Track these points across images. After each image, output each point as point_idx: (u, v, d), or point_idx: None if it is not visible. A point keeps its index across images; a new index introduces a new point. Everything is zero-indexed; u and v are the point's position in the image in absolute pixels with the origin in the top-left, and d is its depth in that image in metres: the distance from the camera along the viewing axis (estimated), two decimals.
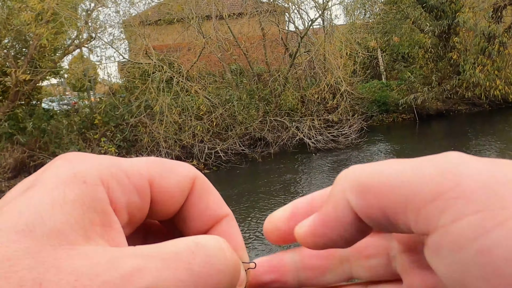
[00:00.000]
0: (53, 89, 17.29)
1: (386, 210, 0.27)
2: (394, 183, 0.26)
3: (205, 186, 0.36)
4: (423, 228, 0.25)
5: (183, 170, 0.35)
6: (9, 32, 12.28)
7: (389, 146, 12.21)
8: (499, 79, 14.04)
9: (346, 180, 0.29)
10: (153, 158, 0.34)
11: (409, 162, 0.27)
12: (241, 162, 11.58)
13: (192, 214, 0.36)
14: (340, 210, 0.29)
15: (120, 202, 0.30)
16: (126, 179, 0.31)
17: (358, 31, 15.21)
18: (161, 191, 0.33)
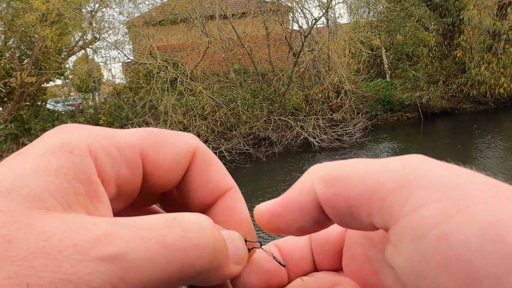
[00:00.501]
0: (58, 90, 17.35)
1: (351, 200, 0.27)
2: (362, 174, 0.27)
3: (207, 157, 0.36)
4: (386, 218, 0.25)
5: (181, 141, 0.34)
6: (14, 34, 12.33)
7: (394, 144, 12.18)
8: (505, 77, 13.97)
9: (315, 171, 0.30)
10: (151, 129, 0.34)
11: (377, 160, 0.28)
12: (246, 161, 11.57)
13: (194, 186, 0.35)
14: (304, 195, 0.30)
15: (108, 174, 0.30)
16: (116, 152, 0.31)
17: (362, 29, 15.16)
18: (155, 164, 0.33)
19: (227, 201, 0.36)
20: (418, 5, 15.51)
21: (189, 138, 0.35)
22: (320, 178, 0.29)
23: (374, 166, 0.27)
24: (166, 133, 0.34)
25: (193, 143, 0.35)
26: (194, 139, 0.35)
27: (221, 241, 0.30)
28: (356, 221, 0.28)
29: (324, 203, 0.29)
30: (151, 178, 0.33)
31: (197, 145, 0.35)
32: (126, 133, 0.33)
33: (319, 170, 0.30)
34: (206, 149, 0.36)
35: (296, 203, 0.30)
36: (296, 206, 0.30)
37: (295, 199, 0.30)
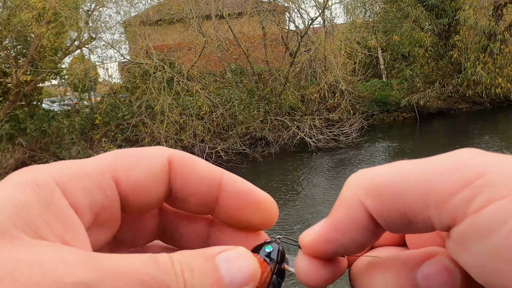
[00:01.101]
0: (54, 89, 17.29)
1: (405, 209, 0.26)
2: (411, 181, 0.26)
3: (185, 159, 0.34)
4: (447, 221, 0.25)
5: (152, 155, 0.33)
6: (10, 33, 12.28)
7: (390, 145, 12.20)
8: (501, 77, 14.02)
9: (358, 184, 0.29)
10: (118, 151, 0.33)
11: (421, 161, 0.27)
12: (242, 161, 11.57)
13: (187, 193, 0.34)
14: (354, 214, 0.28)
15: (80, 202, 0.29)
16: (85, 179, 0.30)
17: (359, 30, 15.19)
18: (130, 185, 0.32)
19: (228, 188, 0.34)
20: (415, 5, 15.54)
21: (160, 149, 0.34)
22: (366, 192, 0.28)
23: (422, 169, 0.26)
24: (135, 151, 0.33)
25: (165, 153, 0.34)
26: (166, 149, 0.34)
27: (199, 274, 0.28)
28: (411, 227, 0.27)
29: (377, 216, 0.28)
30: (131, 200, 0.32)
31: (171, 153, 0.34)
32: (93, 160, 0.31)
33: (361, 182, 0.29)
34: (182, 153, 0.34)
35: (349, 223, 0.29)
36: (349, 228, 0.29)
37: (346, 219, 0.29)
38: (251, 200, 0.35)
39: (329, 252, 0.30)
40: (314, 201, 7.89)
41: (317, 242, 0.30)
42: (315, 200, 7.95)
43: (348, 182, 0.30)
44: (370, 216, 0.28)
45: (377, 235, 0.29)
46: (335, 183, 9.03)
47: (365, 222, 0.28)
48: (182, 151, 0.34)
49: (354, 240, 0.29)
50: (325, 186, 8.90)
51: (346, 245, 0.29)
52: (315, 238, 0.30)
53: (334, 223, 0.30)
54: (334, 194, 8.20)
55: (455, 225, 0.25)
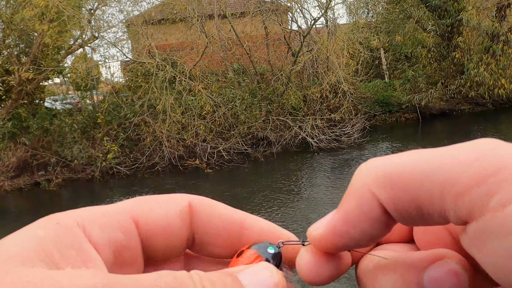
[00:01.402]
0: (56, 88, 17.32)
1: (419, 200, 0.25)
2: (427, 171, 0.25)
3: (206, 203, 0.34)
4: (464, 215, 0.24)
5: (173, 199, 0.33)
6: (12, 31, 12.31)
7: (392, 145, 12.19)
8: (504, 78, 13.99)
9: (369, 174, 0.28)
10: (139, 197, 0.33)
11: (437, 150, 0.26)
12: (244, 161, 11.57)
13: (211, 233, 0.34)
14: (365, 205, 0.27)
15: (100, 239, 0.29)
16: (104, 218, 0.30)
17: (361, 30, 15.18)
18: (149, 225, 0.32)
19: (252, 229, 0.34)
20: (417, 6, 15.53)
21: (181, 195, 0.34)
22: (379, 182, 0.27)
23: (438, 159, 0.25)
24: (156, 196, 0.33)
25: (186, 198, 0.34)
26: (186, 195, 0.34)
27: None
28: (425, 219, 0.26)
29: (389, 207, 0.27)
30: (152, 243, 0.32)
31: (191, 198, 0.34)
32: (114, 205, 0.32)
33: (373, 172, 0.28)
34: (203, 198, 0.34)
35: (360, 215, 0.28)
36: (360, 220, 0.28)
37: (357, 211, 0.28)
38: (275, 238, 0.34)
39: (339, 245, 0.29)
40: (316, 201, 7.88)
41: (327, 236, 0.29)
42: (317, 200, 7.94)
43: (359, 172, 0.29)
44: (382, 208, 0.27)
45: (388, 227, 0.28)
46: (336, 184, 9.02)
47: (377, 213, 0.27)
48: (202, 196, 0.35)
49: (365, 233, 0.28)
50: (327, 186, 8.89)
51: (357, 238, 0.29)
52: (324, 231, 0.29)
53: (344, 215, 0.28)
54: (336, 194, 8.20)
55: (472, 220, 0.24)
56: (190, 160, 11.64)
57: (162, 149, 11.71)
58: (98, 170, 11.36)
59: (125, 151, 11.97)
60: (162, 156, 11.63)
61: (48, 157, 11.56)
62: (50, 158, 11.56)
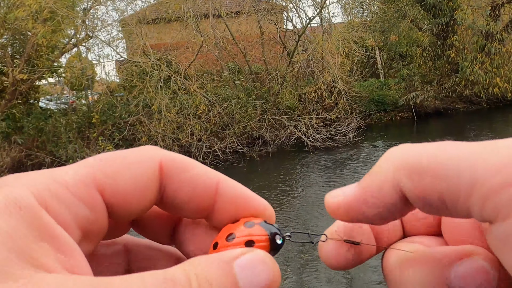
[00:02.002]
0: (51, 88, 17.25)
1: (445, 194, 0.26)
2: (458, 167, 0.25)
3: (178, 164, 0.32)
4: (489, 216, 0.24)
5: (140, 158, 0.31)
6: (6, 31, 12.24)
7: (387, 144, 12.21)
8: (498, 77, 14.05)
9: (396, 159, 0.28)
10: (102, 155, 0.30)
11: (470, 146, 0.26)
12: (239, 161, 11.56)
13: (181, 198, 0.32)
14: (386, 190, 0.28)
15: (66, 220, 0.27)
16: (67, 193, 0.27)
17: (356, 29, 15.20)
18: (117, 194, 0.30)
19: (225, 195, 0.33)
20: (412, 5, 15.57)
21: (150, 151, 0.32)
22: (405, 169, 0.27)
23: (471, 155, 0.25)
24: (121, 154, 0.31)
25: (155, 155, 0.31)
26: (156, 152, 0.32)
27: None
28: (448, 211, 0.26)
29: (411, 196, 0.27)
30: (118, 209, 0.30)
31: (162, 156, 0.31)
32: (75, 169, 0.29)
33: (400, 158, 0.28)
34: (174, 156, 0.32)
35: (378, 199, 0.28)
36: (378, 202, 0.28)
37: (376, 194, 0.28)
38: (249, 207, 0.33)
39: (351, 219, 0.30)
40: (311, 200, 7.89)
41: (343, 207, 0.30)
42: (312, 199, 7.95)
43: (386, 156, 0.29)
44: (402, 195, 0.27)
45: (404, 212, 0.29)
46: (331, 182, 9.03)
47: (395, 200, 0.28)
48: (175, 153, 0.32)
49: (379, 215, 0.29)
50: (322, 185, 8.90)
51: (370, 217, 0.29)
52: (341, 202, 0.30)
53: (363, 195, 0.29)
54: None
55: (499, 221, 0.24)
56: None
57: None
58: None
59: None
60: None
61: (42, 157, 11.50)
62: (44, 158, 11.51)
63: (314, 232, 0.35)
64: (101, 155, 0.30)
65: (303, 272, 5.04)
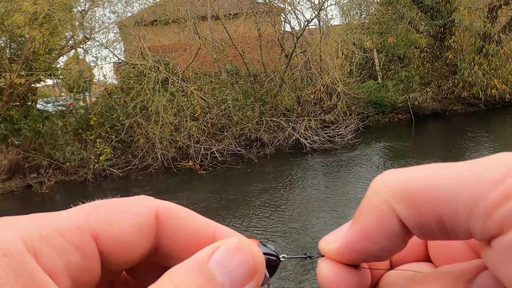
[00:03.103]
0: (48, 90, 17.22)
1: (444, 217, 0.25)
2: (453, 188, 0.25)
3: (174, 213, 0.31)
4: (492, 231, 0.24)
5: (136, 207, 0.30)
6: (3, 34, 12.22)
7: (385, 146, 12.22)
8: (496, 78, 14.09)
9: (387, 188, 0.27)
10: (97, 203, 0.29)
11: (462, 165, 0.25)
12: (237, 163, 11.55)
13: (177, 247, 0.31)
14: (385, 221, 0.27)
15: (56, 267, 0.25)
16: (60, 239, 0.26)
17: (354, 31, 15.22)
18: (111, 241, 0.28)
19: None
20: (410, 7, 15.60)
21: (146, 200, 0.31)
22: (399, 197, 0.26)
23: (463, 176, 0.24)
24: (117, 202, 0.30)
25: (151, 204, 0.30)
26: (152, 200, 0.31)
27: None
28: (446, 234, 0.26)
29: (408, 223, 0.26)
30: (112, 258, 0.29)
31: (157, 204, 0.31)
32: (68, 214, 0.28)
33: (392, 186, 0.27)
34: (170, 206, 0.31)
35: (380, 232, 0.27)
36: (380, 235, 0.27)
37: (377, 227, 0.27)
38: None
39: (356, 260, 0.29)
40: (310, 202, 7.87)
41: (343, 251, 0.28)
42: (310, 201, 7.93)
43: (375, 186, 0.27)
44: (401, 223, 0.26)
45: (406, 241, 0.28)
46: (330, 184, 9.03)
47: (396, 229, 0.27)
48: (170, 203, 0.31)
49: (385, 248, 0.27)
50: (320, 187, 8.89)
51: (375, 253, 0.28)
52: (340, 246, 0.29)
53: (363, 231, 0.28)
54: (329, 195, 8.20)
55: (504, 233, 0.23)
56: (184, 162, 11.60)
57: (155, 150, 11.66)
58: (91, 172, 11.29)
59: (118, 153, 11.91)
60: (155, 158, 11.58)
61: (40, 160, 11.47)
62: (42, 161, 11.48)
63: (309, 252, 0.33)
64: (96, 202, 0.30)
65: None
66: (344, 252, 0.28)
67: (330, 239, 0.29)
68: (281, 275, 4.94)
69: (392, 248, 0.28)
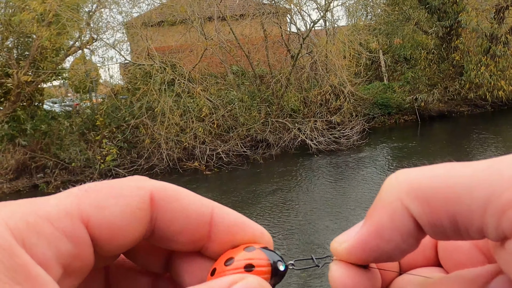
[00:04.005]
0: (55, 90, 17.32)
1: (456, 215, 0.24)
2: (468, 186, 0.24)
3: (170, 194, 0.30)
4: (506, 231, 0.23)
5: (129, 189, 0.28)
6: (11, 34, 12.30)
7: (391, 147, 12.19)
8: (503, 80, 14.03)
9: (401, 186, 0.26)
10: (87, 186, 0.28)
11: (478, 164, 0.25)
12: (243, 163, 11.56)
13: (174, 229, 0.30)
14: (399, 220, 0.26)
15: (45, 256, 0.25)
16: (49, 226, 0.25)
17: (361, 32, 15.19)
18: (103, 226, 0.27)
19: (221, 223, 0.31)
20: (416, 8, 15.55)
21: (139, 182, 0.29)
22: (413, 195, 0.26)
23: (480, 173, 0.24)
24: (108, 185, 0.28)
25: (146, 185, 0.29)
26: (146, 181, 0.30)
27: None
28: (459, 234, 0.25)
29: (422, 222, 0.26)
30: (105, 243, 0.28)
31: (152, 185, 0.29)
32: (57, 199, 0.27)
33: (406, 184, 0.26)
34: (166, 187, 0.30)
35: (394, 230, 0.26)
36: (395, 233, 0.27)
37: (391, 226, 0.26)
38: (246, 233, 0.31)
39: (368, 259, 0.28)
40: (315, 203, 7.87)
41: (356, 250, 0.28)
42: (316, 202, 7.93)
43: (389, 184, 0.27)
44: (415, 221, 0.26)
45: (418, 241, 0.28)
46: (335, 185, 9.02)
47: (410, 228, 0.26)
48: (166, 183, 0.30)
49: (398, 247, 0.27)
50: (326, 188, 8.88)
51: (388, 252, 0.27)
52: (352, 245, 0.28)
53: (377, 230, 0.27)
54: (335, 196, 8.19)
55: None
56: (189, 162, 11.62)
57: (160, 151, 11.69)
58: (97, 172, 11.34)
59: (123, 153, 11.96)
60: (160, 158, 11.61)
61: (46, 160, 11.53)
62: (48, 161, 11.54)
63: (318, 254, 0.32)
64: (87, 185, 0.28)
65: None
66: (357, 251, 0.28)
67: (343, 238, 0.29)
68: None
69: (405, 247, 0.27)
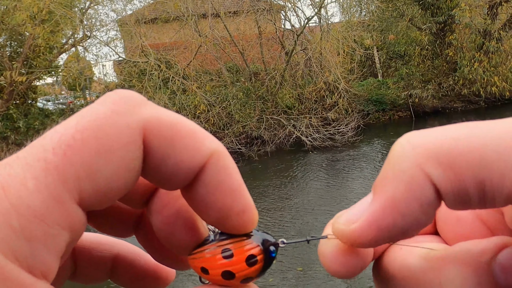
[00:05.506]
0: (49, 88, 17.22)
1: (486, 181, 0.21)
2: (499, 147, 0.21)
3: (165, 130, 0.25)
4: None
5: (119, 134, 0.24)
6: (4, 31, 12.21)
7: (386, 143, 12.22)
8: (496, 76, 14.09)
9: (417, 151, 0.23)
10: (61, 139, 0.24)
11: (502, 123, 0.22)
12: (238, 160, 11.55)
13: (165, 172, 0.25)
14: (418, 188, 0.22)
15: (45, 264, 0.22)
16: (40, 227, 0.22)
17: (355, 29, 15.20)
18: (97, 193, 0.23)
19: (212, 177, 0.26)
20: (410, 4, 15.57)
21: (128, 111, 0.24)
22: (434, 160, 0.22)
23: (508, 133, 0.21)
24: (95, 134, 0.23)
25: (137, 120, 0.24)
26: (136, 108, 0.25)
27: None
28: (484, 202, 0.22)
29: (444, 189, 0.22)
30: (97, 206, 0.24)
31: (145, 118, 0.24)
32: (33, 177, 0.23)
33: (423, 148, 0.23)
34: (161, 117, 0.25)
35: (413, 201, 0.23)
36: (414, 205, 0.23)
37: (408, 196, 0.23)
38: (237, 206, 0.28)
39: (381, 240, 0.24)
40: (310, 200, 7.88)
41: (370, 230, 0.24)
42: (310, 199, 7.94)
43: (401, 150, 0.24)
44: (436, 190, 0.23)
45: (435, 212, 0.24)
46: (330, 181, 9.04)
47: (431, 198, 0.23)
48: (161, 113, 0.25)
49: (417, 221, 0.23)
50: (321, 185, 8.90)
51: (404, 228, 0.24)
52: (365, 224, 0.24)
53: (392, 203, 0.23)
54: (329, 192, 8.21)
55: None
56: None
57: None
58: None
59: None
60: None
61: None
62: None
63: (313, 235, 0.29)
64: (58, 136, 0.23)
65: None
66: (372, 231, 0.24)
67: (349, 218, 0.25)
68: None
69: (424, 220, 0.24)
